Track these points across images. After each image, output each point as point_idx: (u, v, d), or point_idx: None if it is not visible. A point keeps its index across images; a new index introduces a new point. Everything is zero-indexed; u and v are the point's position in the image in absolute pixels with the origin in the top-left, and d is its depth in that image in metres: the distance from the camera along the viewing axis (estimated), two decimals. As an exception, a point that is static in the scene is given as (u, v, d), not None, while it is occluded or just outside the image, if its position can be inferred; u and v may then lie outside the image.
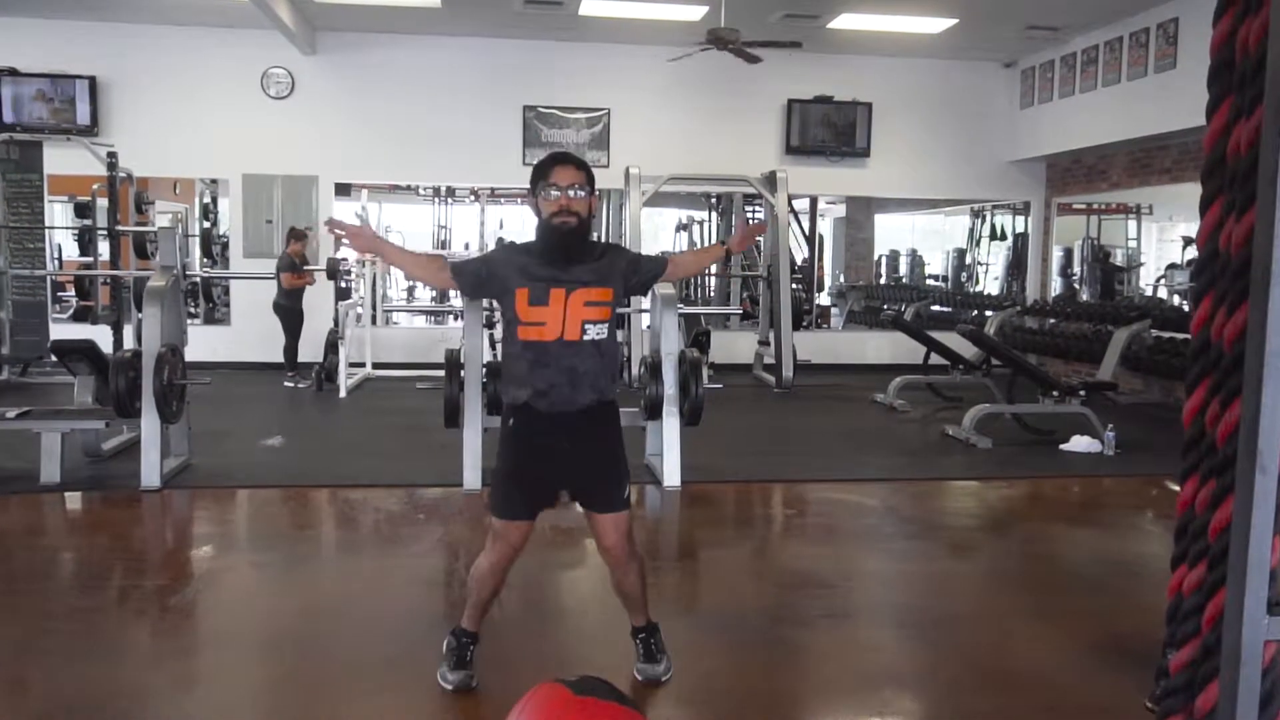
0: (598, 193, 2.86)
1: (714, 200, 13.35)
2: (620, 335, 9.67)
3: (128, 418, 5.46)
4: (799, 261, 12.35)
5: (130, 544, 4.74)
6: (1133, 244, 11.89)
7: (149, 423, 5.35)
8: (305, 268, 9.43)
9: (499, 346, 8.22)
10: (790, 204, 11.14)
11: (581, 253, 2.81)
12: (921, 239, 15.89)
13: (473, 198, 13.37)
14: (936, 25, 9.48)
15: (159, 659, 3.34)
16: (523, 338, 2.78)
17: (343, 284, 10.38)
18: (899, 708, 3.00)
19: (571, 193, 2.74)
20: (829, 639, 3.54)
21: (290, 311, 9.34)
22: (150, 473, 5.35)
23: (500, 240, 2.96)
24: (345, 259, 10.31)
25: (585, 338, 2.77)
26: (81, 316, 10.25)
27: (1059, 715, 2.92)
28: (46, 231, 10.37)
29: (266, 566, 4.40)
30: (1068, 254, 11.78)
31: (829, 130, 10.95)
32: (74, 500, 5.34)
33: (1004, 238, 12.86)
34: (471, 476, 5.43)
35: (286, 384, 9.20)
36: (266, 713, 2.93)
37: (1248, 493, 1.71)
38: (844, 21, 9.35)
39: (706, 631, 3.58)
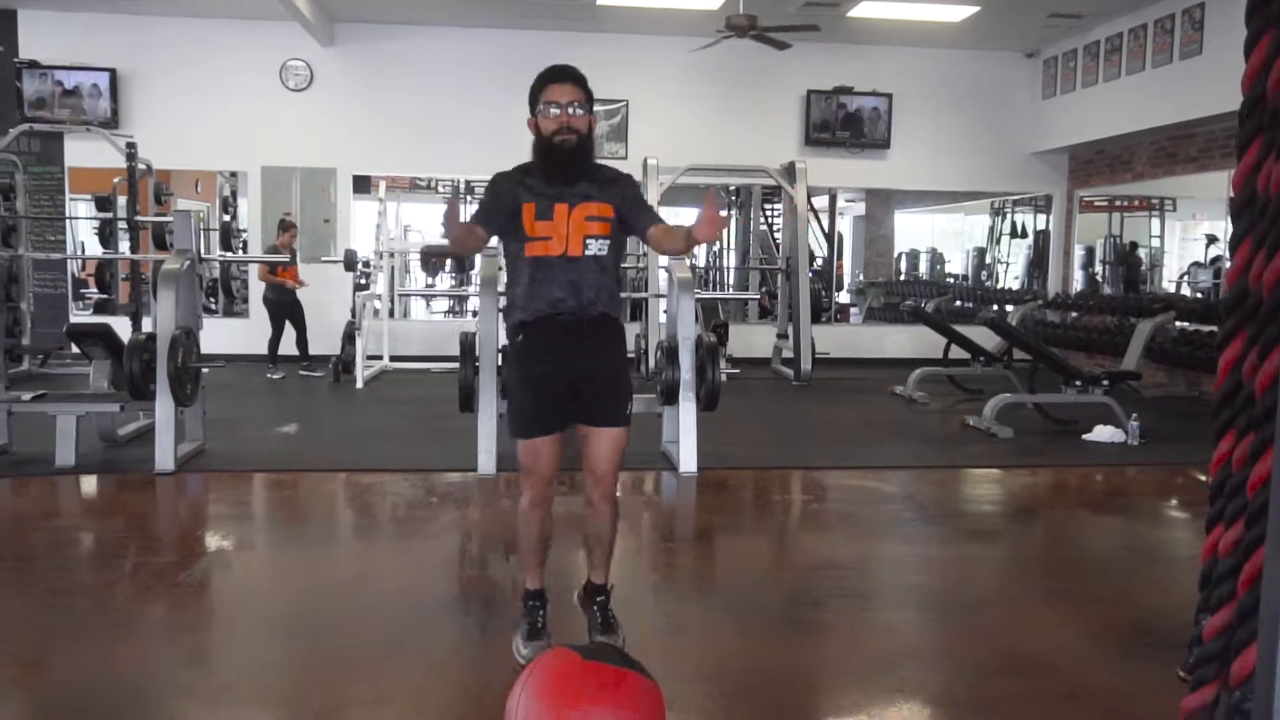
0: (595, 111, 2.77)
1: (733, 196, 13.26)
2: (638, 328, 9.62)
3: (142, 400, 5.44)
4: (818, 258, 12.25)
5: (143, 524, 4.72)
6: (1156, 242, 11.72)
7: (163, 405, 5.33)
8: (291, 264, 9.27)
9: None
10: (810, 202, 11.05)
11: (583, 170, 2.77)
12: (941, 240, 15.75)
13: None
14: (957, 13, 9.37)
15: (169, 635, 3.30)
16: (529, 254, 2.75)
17: (361, 280, 10.36)
18: (915, 687, 2.92)
19: (571, 110, 2.70)
20: (845, 620, 3.46)
21: (277, 305, 9.30)
22: (164, 456, 5.33)
23: (497, 173, 2.89)
24: (368, 260, 10.31)
25: (587, 253, 2.75)
26: (102, 309, 10.30)
27: (1080, 698, 2.82)
28: (68, 223, 10.42)
29: (278, 547, 4.37)
30: (1089, 252, 11.63)
31: (848, 121, 10.85)
32: (88, 482, 5.33)
33: (1025, 235, 12.71)
34: (486, 460, 5.38)
35: (269, 375, 9.12)
36: (272, 687, 2.88)
37: (1289, 443, 1.63)
38: (864, 10, 9.26)
39: (722, 611, 3.52)
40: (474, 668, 2.96)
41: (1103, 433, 6.74)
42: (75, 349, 8.21)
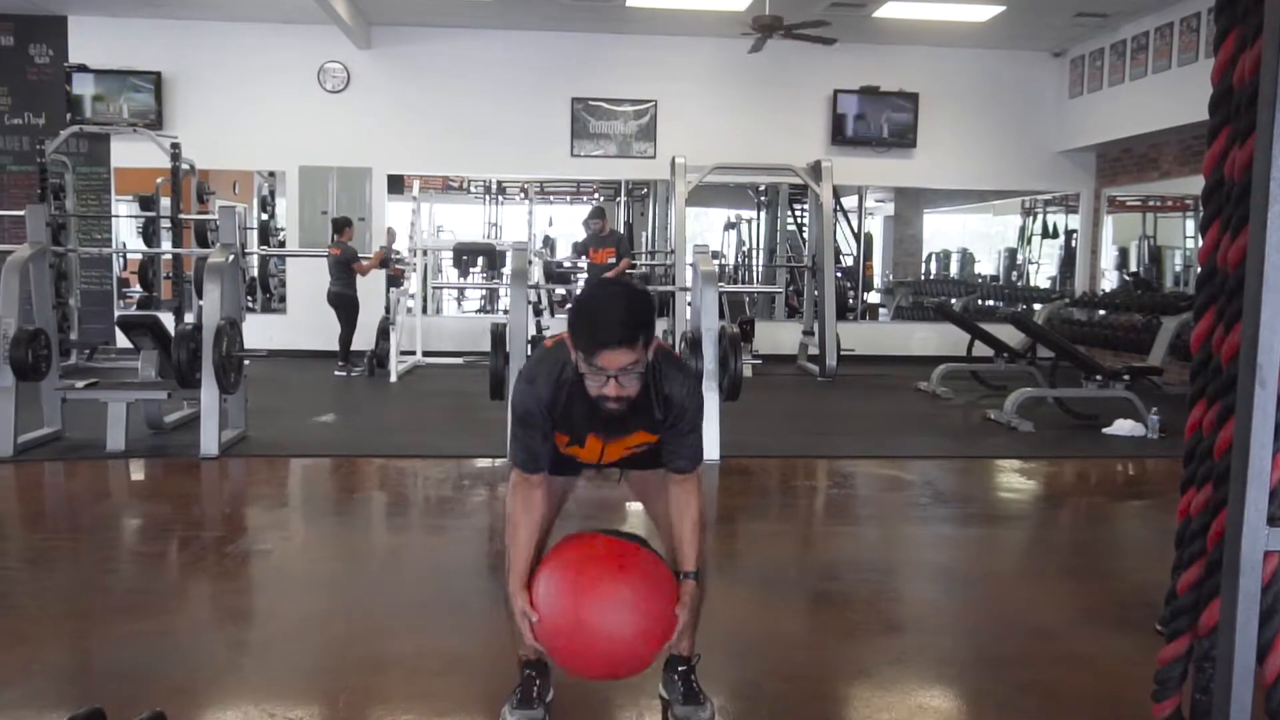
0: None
1: (761, 197, 13.39)
2: (665, 324, 9.79)
3: (188, 388, 5.69)
4: (845, 256, 12.34)
5: (190, 503, 4.96)
6: (1190, 243, 11.69)
7: (208, 393, 5.58)
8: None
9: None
10: (839, 201, 11.16)
11: (629, 418, 2.22)
12: (972, 240, 15.77)
13: (522, 195, 13.55)
14: (984, 13, 9.45)
15: (217, 596, 3.53)
16: (559, 446, 2.34)
17: (399, 285, 10.60)
18: (919, 650, 3.07)
19: (623, 379, 2.09)
20: (856, 590, 3.62)
21: (351, 300, 9.46)
22: (209, 441, 5.57)
23: (525, 379, 2.24)
24: (398, 252, 10.58)
25: (624, 455, 2.39)
26: (145, 305, 10.62)
27: (1076, 660, 2.97)
28: (113, 221, 10.76)
29: (318, 523, 4.59)
30: (1124, 254, 11.63)
31: (875, 120, 10.96)
32: (137, 466, 5.59)
33: (1056, 235, 12.72)
34: (515, 448, 5.57)
35: (337, 372, 9.35)
36: (315, 640, 3.08)
37: (1248, 406, 1.77)
38: (890, 10, 9.36)
39: (738, 585, 3.68)
40: (502, 624, 3.14)
41: (1122, 426, 6.82)
42: (122, 342, 8.54)
